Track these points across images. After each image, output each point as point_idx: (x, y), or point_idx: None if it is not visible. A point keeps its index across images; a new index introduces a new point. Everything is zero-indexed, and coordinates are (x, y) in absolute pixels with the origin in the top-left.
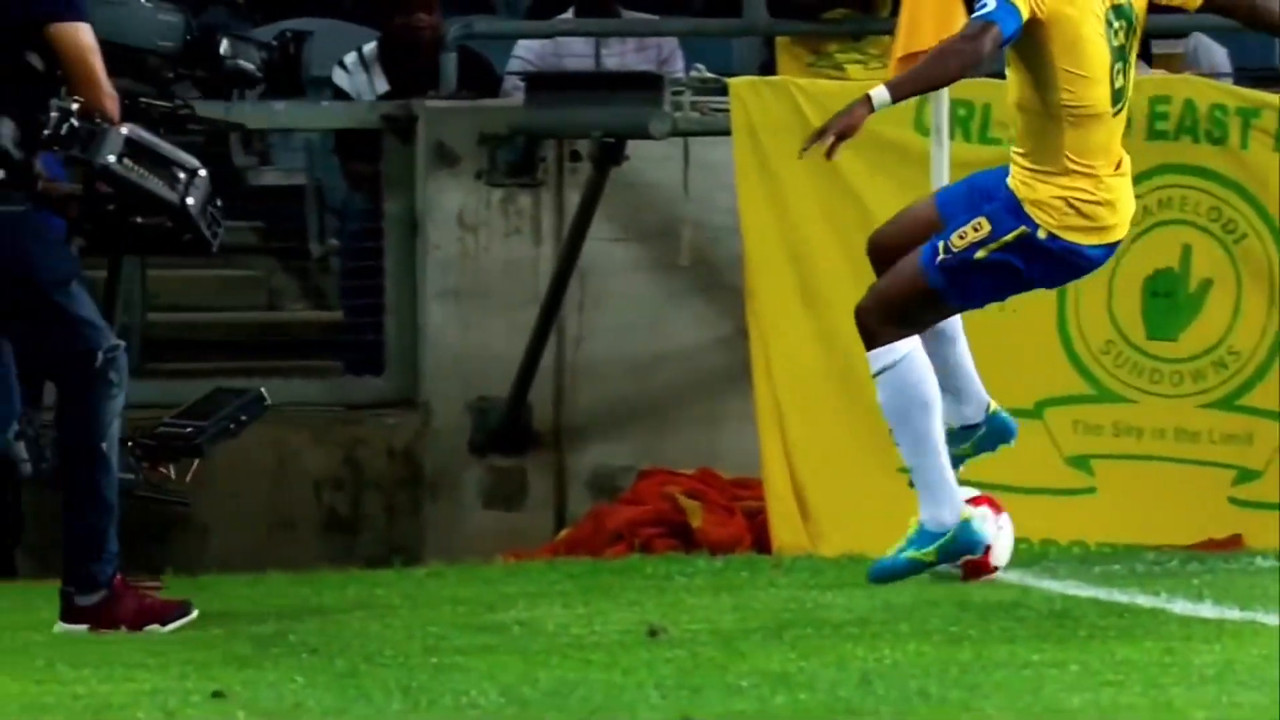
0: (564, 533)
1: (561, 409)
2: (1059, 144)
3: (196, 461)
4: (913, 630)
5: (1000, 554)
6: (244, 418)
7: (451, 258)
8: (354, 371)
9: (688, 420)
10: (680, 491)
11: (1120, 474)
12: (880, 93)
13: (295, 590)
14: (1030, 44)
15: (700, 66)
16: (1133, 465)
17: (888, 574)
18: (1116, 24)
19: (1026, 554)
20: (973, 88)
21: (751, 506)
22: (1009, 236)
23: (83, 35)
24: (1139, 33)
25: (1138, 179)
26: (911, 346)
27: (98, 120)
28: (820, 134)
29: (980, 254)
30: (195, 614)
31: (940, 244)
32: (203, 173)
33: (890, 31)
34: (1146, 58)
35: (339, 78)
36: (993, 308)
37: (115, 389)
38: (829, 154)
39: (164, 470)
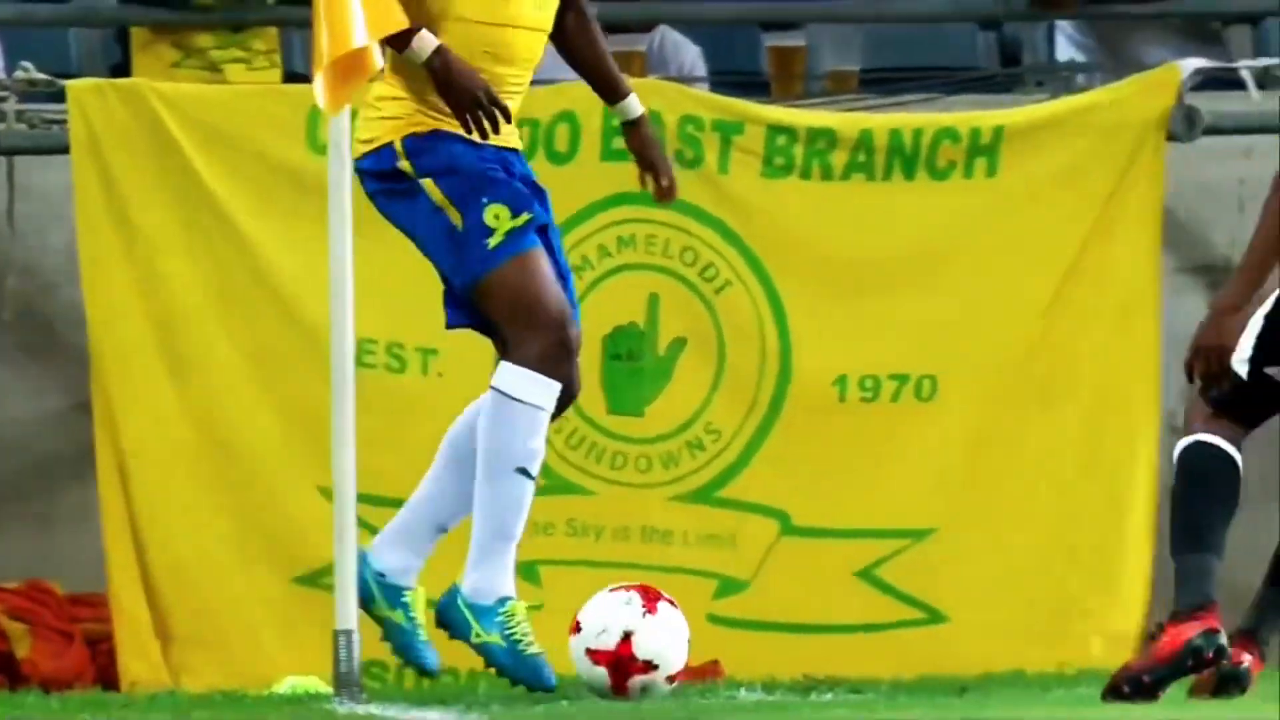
0: None
1: None
2: None
3: None
4: None
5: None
6: None
7: None
8: None
9: (11, 519)
10: (2, 611)
11: (575, 584)
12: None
13: None
14: None
15: (28, 65)
16: (589, 573)
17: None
18: None
19: (452, 687)
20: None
21: (95, 630)
22: None
23: None
24: None
25: (590, 210)
26: None
27: None
28: None
29: None
30: None
31: None
32: None
33: (279, 22)
34: None
35: None
36: (416, 371)
37: None
38: None
39: None
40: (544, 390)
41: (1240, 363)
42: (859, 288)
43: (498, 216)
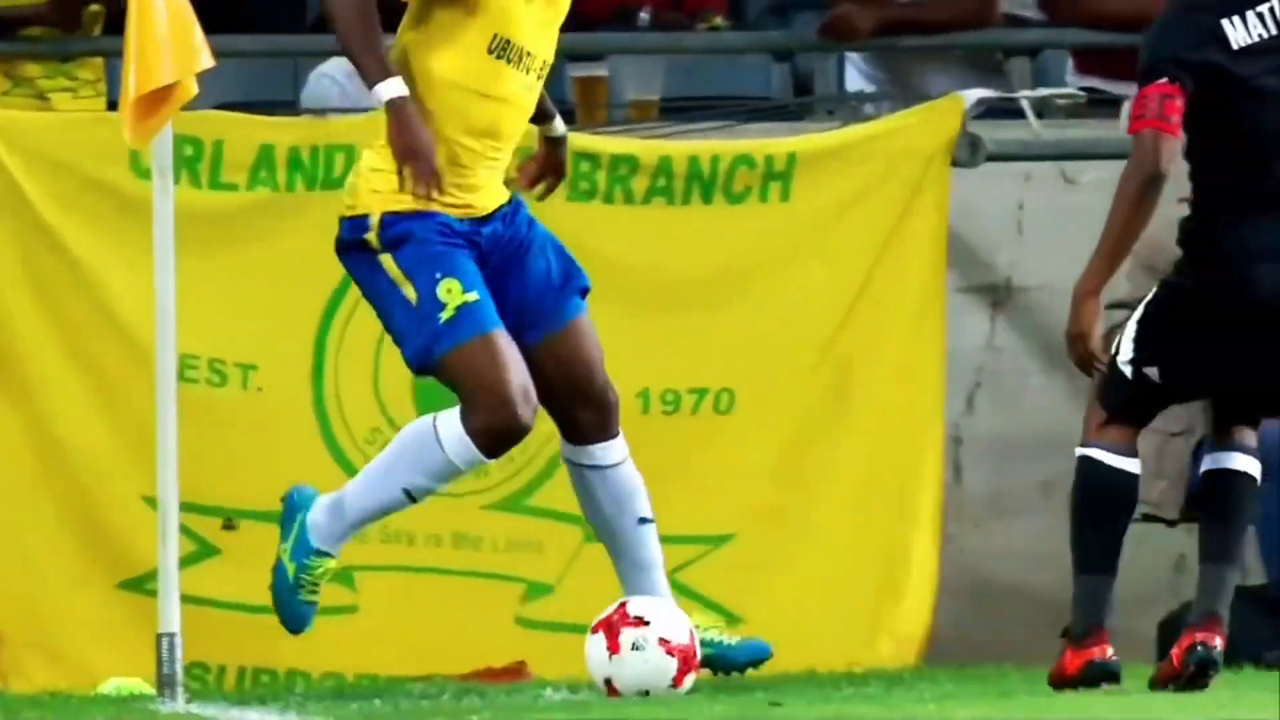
0: None
1: None
2: None
3: None
4: None
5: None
6: None
7: None
8: None
9: None
10: None
11: (387, 589)
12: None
13: None
14: None
15: None
16: (402, 578)
17: None
18: None
19: (271, 687)
20: (201, 122)
21: None
22: None
23: None
24: None
25: None
26: None
27: None
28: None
29: None
30: None
31: None
32: None
33: (103, 52)
34: None
35: None
36: (236, 385)
37: None
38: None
39: None
40: (471, 458)
41: (1124, 364)
42: (660, 306)
43: (449, 290)
